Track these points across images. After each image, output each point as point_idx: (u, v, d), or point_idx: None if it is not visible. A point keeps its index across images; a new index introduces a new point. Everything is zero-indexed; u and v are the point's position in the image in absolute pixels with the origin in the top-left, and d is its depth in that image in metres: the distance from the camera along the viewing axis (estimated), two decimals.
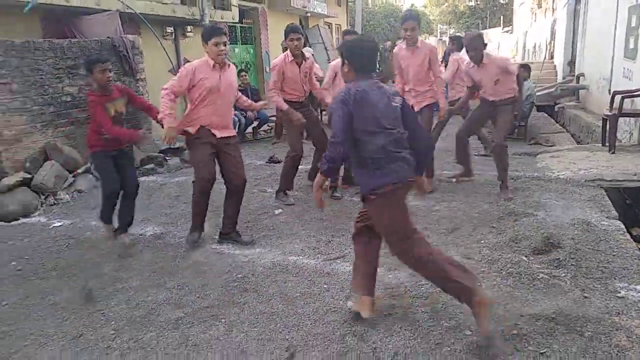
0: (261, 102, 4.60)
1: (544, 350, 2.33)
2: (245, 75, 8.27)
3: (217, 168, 3.87)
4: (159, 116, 3.78)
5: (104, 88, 3.83)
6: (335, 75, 4.92)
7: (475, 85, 4.78)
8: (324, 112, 8.18)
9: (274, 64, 4.77)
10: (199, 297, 3.11)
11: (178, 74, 3.80)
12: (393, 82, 5.27)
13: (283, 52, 4.93)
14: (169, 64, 8.39)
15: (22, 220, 4.83)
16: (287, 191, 5.01)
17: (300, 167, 6.18)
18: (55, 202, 5.28)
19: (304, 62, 4.78)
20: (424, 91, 4.80)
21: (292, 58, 4.69)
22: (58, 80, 5.63)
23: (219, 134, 3.82)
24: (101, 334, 2.76)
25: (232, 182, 3.88)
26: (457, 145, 4.99)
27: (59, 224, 4.65)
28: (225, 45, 3.69)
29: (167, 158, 6.90)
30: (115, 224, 4.04)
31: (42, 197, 5.25)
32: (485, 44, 4.58)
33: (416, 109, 4.56)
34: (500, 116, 4.66)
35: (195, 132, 3.81)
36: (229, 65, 3.88)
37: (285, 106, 4.70)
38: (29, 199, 5.08)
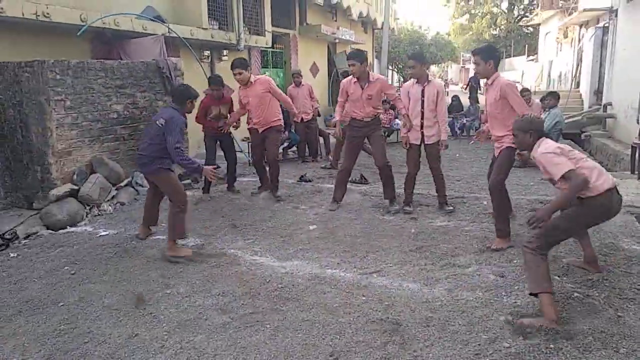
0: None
1: None
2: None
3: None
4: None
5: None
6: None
7: None
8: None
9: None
10: (243, 303, 3.28)
11: None
12: None
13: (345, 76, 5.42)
14: (206, 85, 8.75)
15: (70, 229, 5.09)
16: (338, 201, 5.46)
17: (329, 185, 6.41)
18: (99, 213, 5.55)
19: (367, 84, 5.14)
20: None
21: (356, 80, 5.15)
22: (107, 99, 5.97)
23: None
24: (154, 335, 2.94)
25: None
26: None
27: (105, 233, 4.90)
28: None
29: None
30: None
31: (88, 207, 5.53)
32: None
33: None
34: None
35: None
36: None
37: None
38: (76, 209, 5.36)
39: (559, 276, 3.41)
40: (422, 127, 5.03)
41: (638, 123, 7.93)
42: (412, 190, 5.28)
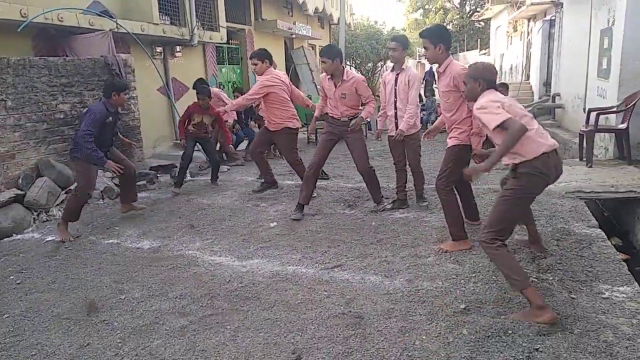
0: None
1: (538, 347, 2.48)
2: (238, 95, 8.43)
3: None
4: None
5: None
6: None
7: None
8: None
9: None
10: (202, 305, 3.18)
11: None
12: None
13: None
14: (158, 82, 8.50)
15: (15, 236, 4.82)
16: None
17: (290, 182, 6.34)
18: (48, 218, 5.28)
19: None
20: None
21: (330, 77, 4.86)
22: (52, 98, 5.68)
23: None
24: (108, 343, 2.81)
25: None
26: None
27: (52, 238, 4.66)
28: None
29: (158, 175, 6.96)
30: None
31: (35, 213, 5.25)
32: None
33: None
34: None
35: None
36: None
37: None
38: (22, 215, 5.08)
39: None
40: (395, 117, 4.84)
41: (584, 112, 8.26)
42: (405, 182, 5.05)
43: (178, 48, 9.20)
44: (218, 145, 7.61)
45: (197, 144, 6.41)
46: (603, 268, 3.33)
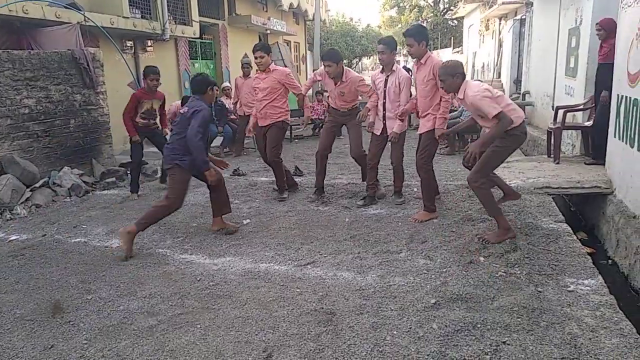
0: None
1: (505, 339, 2.52)
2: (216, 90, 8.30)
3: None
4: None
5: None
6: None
7: None
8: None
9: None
10: (172, 304, 3.13)
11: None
12: None
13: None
14: (129, 77, 8.32)
15: None
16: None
17: (264, 179, 6.31)
18: (12, 217, 5.11)
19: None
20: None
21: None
22: (16, 92, 5.49)
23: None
24: (73, 345, 2.73)
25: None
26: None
27: (16, 237, 4.52)
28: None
29: (128, 172, 6.81)
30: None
31: None
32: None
33: None
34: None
35: None
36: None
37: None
38: None
39: (484, 257, 3.55)
40: (384, 118, 4.88)
41: (553, 110, 8.46)
42: (375, 180, 5.11)
43: (149, 42, 9.05)
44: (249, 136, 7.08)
45: (146, 138, 5.82)
46: (569, 262, 3.41)
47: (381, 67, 4.90)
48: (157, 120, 5.85)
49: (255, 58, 5.23)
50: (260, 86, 5.30)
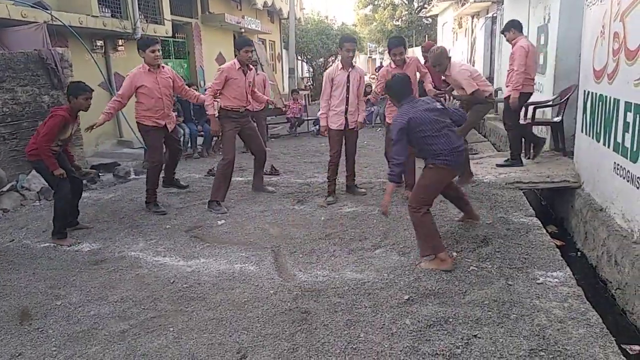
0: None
1: (476, 333, 2.56)
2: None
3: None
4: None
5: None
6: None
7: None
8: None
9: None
10: (144, 308, 3.08)
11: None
12: None
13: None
14: (100, 77, 8.15)
15: None
16: (219, 202, 5.07)
17: (240, 178, 6.26)
18: None
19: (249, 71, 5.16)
20: None
21: (239, 66, 5.04)
22: None
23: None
24: (42, 352, 2.67)
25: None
26: None
27: None
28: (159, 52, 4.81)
29: (100, 174, 6.68)
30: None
31: None
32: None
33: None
34: None
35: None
36: (163, 67, 4.92)
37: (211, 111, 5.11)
38: None
39: (457, 252, 3.60)
40: (346, 112, 5.03)
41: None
42: (335, 179, 5.26)
43: (120, 42, 8.86)
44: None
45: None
46: (538, 255, 3.49)
47: (341, 65, 5.01)
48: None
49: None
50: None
